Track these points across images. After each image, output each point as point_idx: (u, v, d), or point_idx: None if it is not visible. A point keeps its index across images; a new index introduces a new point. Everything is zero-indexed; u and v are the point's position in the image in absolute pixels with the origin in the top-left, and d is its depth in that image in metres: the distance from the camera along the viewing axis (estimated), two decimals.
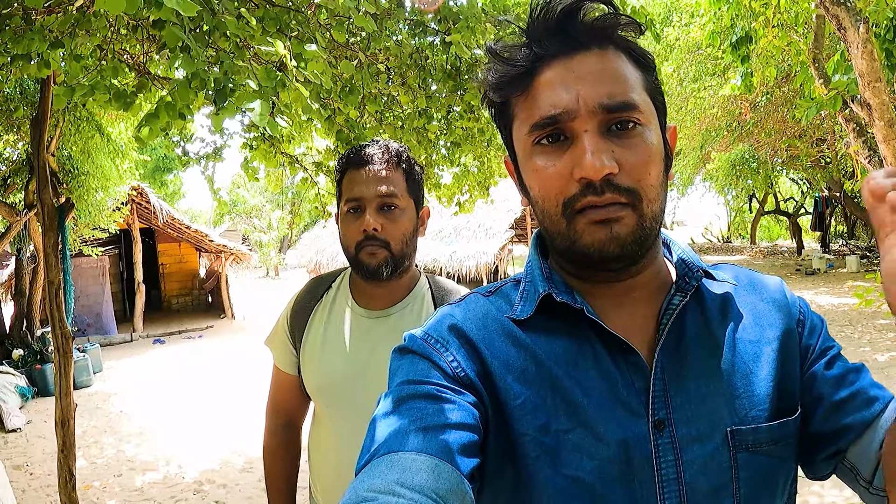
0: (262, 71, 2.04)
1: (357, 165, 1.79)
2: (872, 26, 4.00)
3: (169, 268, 20.16)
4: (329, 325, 1.88)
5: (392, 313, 1.86)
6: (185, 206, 39.01)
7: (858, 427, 0.87)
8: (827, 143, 15.86)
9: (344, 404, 1.81)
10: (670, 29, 13.67)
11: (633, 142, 0.84)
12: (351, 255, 1.80)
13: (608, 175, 0.81)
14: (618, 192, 0.82)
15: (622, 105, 0.83)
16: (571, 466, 0.85)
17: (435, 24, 3.69)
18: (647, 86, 0.89)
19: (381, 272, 1.77)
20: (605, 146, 0.82)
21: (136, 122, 8.12)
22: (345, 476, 1.79)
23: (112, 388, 10.56)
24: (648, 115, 0.86)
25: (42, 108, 4.45)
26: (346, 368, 1.81)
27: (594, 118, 0.83)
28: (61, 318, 4.28)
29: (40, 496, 6.04)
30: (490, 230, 20.07)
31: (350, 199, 1.78)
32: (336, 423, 1.83)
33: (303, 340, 1.88)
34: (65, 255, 5.47)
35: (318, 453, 1.91)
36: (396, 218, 1.79)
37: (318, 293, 1.94)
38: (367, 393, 1.78)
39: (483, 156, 6.17)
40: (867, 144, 4.58)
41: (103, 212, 9.88)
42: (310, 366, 1.86)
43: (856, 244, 26.38)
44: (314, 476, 1.93)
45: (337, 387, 1.82)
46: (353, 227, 1.78)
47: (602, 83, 0.83)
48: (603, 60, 0.85)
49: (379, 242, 1.76)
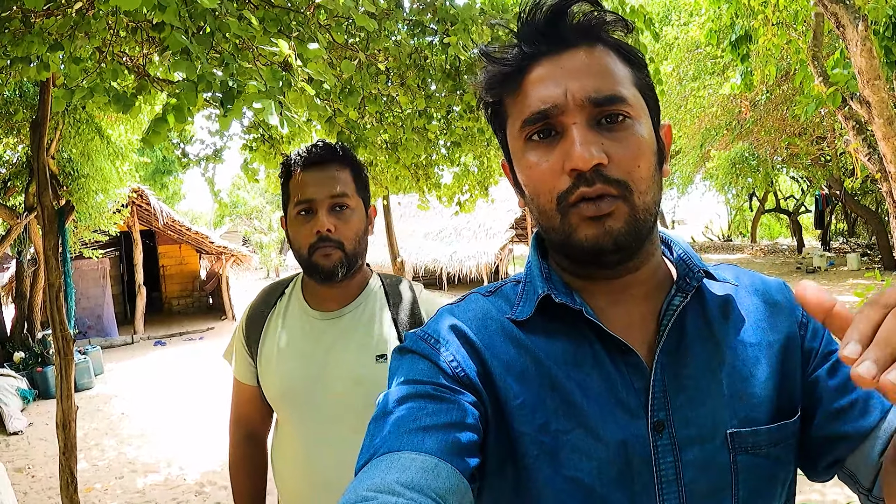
0: (267, 71, 2.04)
1: (305, 167, 1.79)
2: (871, 24, 4.00)
3: (169, 270, 20.17)
4: (284, 331, 1.87)
5: (346, 313, 1.86)
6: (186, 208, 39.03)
7: (858, 436, 0.87)
8: (827, 140, 15.85)
9: (305, 409, 1.80)
10: (669, 28, 13.67)
11: (623, 135, 0.84)
12: (304, 257, 1.79)
13: (598, 166, 0.82)
14: (608, 183, 0.83)
15: (610, 98, 0.84)
16: (571, 467, 0.85)
17: (433, 25, 3.69)
18: (637, 82, 0.90)
19: (336, 273, 1.77)
20: (594, 138, 0.83)
21: (135, 125, 8.14)
22: (313, 482, 1.79)
23: (113, 390, 10.57)
24: (638, 109, 0.87)
25: (42, 110, 4.46)
26: (303, 372, 1.80)
27: (583, 112, 0.84)
28: (62, 320, 4.28)
29: (42, 499, 6.04)
30: (490, 230, 20.09)
31: (300, 201, 1.77)
32: (299, 429, 1.82)
33: (259, 349, 1.87)
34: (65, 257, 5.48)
35: (283, 462, 1.89)
36: (348, 218, 1.79)
37: (271, 301, 1.93)
38: (327, 395, 1.78)
39: (483, 155, 6.18)
40: (866, 142, 4.57)
41: (103, 214, 9.88)
42: (268, 373, 1.84)
43: (856, 242, 26.40)
44: (281, 487, 1.91)
45: (296, 392, 1.80)
46: (305, 229, 1.77)
47: (590, 78, 0.84)
48: (591, 57, 0.86)
49: (333, 243, 1.75)
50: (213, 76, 1.98)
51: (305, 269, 1.82)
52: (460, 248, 20.30)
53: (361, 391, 1.76)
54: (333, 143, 1.83)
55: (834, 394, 0.90)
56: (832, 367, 0.93)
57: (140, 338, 15.87)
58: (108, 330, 15.65)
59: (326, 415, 1.79)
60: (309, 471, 1.79)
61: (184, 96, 2.03)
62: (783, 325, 0.95)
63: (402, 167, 5.46)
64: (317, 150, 1.81)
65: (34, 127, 4.48)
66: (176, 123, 2.08)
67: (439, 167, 6.28)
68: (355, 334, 1.82)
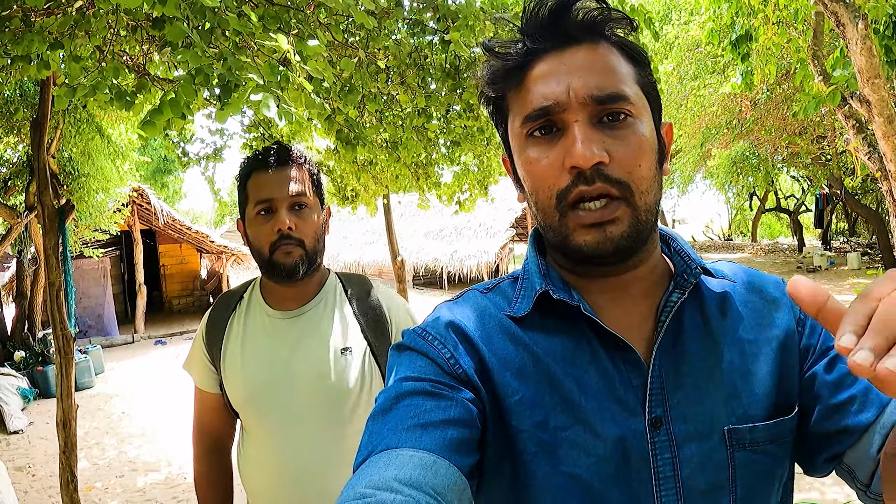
0: (265, 67, 2.04)
1: (264, 168, 1.80)
2: (871, 23, 4.00)
3: (170, 269, 20.18)
4: (246, 334, 1.87)
5: (307, 311, 1.87)
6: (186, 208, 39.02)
7: (856, 431, 0.86)
8: (827, 139, 15.85)
9: (273, 410, 1.80)
10: (670, 27, 13.66)
11: (624, 133, 0.84)
12: (264, 257, 1.79)
13: (598, 165, 0.82)
14: (608, 182, 0.82)
15: (612, 96, 0.84)
16: (569, 464, 0.85)
17: (434, 24, 3.69)
18: (640, 80, 0.89)
19: (297, 270, 1.78)
20: (595, 136, 0.83)
21: (136, 124, 8.14)
22: (284, 482, 1.78)
23: (113, 389, 10.58)
24: (640, 107, 0.87)
25: (42, 109, 4.45)
26: (269, 373, 1.80)
27: (585, 109, 0.84)
28: (62, 319, 4.28)
29: (42, 497, 6.05)
30: (491, 229, 20.10)
31: (260, 200, 1.78)
32: (269, 432, 1.81)
33: (222, 355, 1.87)
34: (65, 256, 5.48)
35: (252, 467, 1.87)
36: (307, 217, 1.81)
37: (230, 305, 1.93)
38: (295, 394, 1.78)
39: (483, 154, 6.18)
40: (866, 141, 4.57)
41: (104, 213, 9.89)
42: (232, 378, 1.84)
43: (857, 241, 26.38)
44: (251, 492, 1.90)
45: (263, 393, 1.80)
46: (266, 228, 1.78)
47: (593, 75, 0.84)
48: (594, 54, 0.86)
49: (293, 241, 1.77)
50: (211, 70, 1.98)
51: (266, 269, 1.83)
52: (461, 247, 20.30)
53: (326, 385, 1.77)
54: (290, 146, 1.86)
55: (832, 389, 0.90)
56: (830, 362, 0.92)
57: (141, 337, 15.87)
58: (108, 329, 15.66)
59: (294, 414, 1.79)
60: (279, 472, 1.79)
61: (182, 90, 2.03)
62: (781, 322, 0.95)
63: (402, 166, 5.46)
64: (274, 151, 1.83)
65: (35, 126, 4.48)
66: (174, 118, 2.08)
67: (439, 166, 6.28)
68: (318, 330, 1.84)
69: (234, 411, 1.92)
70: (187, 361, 1.99)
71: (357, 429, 1.81)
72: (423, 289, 23.12)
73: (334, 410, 1.80)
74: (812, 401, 0.91)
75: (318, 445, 1.78)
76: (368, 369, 1.83)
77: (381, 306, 1.91)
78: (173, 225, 17.11)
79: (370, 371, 1.84)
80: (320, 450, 1.78)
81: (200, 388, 1.96)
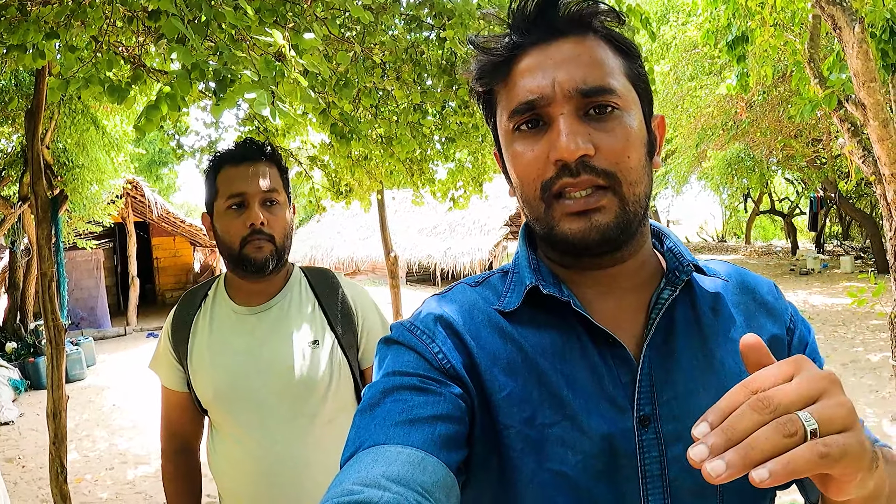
0: (261, 62, 2.04)
1: (235, 162, 1.80)
2: (868, 26, 4.01)
3: (163, 262, 20.12)
4: (213, 331, 1.87)
5: (273, 305, 1.87)
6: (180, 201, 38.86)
7: None
8: (822, 143, 15.88)
9: (243, 406, 1.80)
10: (667, 28, 13.66)
11: (611, 125, 0.84)
12: (234, 251, 1.79)
13: (584, 157, 0.82)
14: (594, 173, 0.83)
15: (598, 89, 0.83)
16: (556, 460, 0.84)
17: (430, 20, 3.69)
18: (629, 72, 0.89)
19: (267, 266, 1.78)
20: (581, 129, 0.83)
21: (131, 115, 8.11)
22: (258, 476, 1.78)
23: (105, 381, 10.53)
24: (628, 100, 0.87)
25: (37, 99, 4.43)
26: (238, 368, 1.80)
27: (570, 102, 0.83)
28: (54, 310, 4.27)
29: (32, 489, 6.03)
30: (485, 227, 20.07)
31: (232, 194, 1.78)
32: (239, 427, 1.81)
33: (188, 353, 1.86)
34: (58, 247, 5.46)
35: (224, 463, 1.87)
36: (278, 213, 1.82)
37: (195, 303, 1.93)
38: (264, 389, 1.79)
39: (478, 151, 6.18)
40: (862, 144, 4.58)
41: (98, 205, 9.85)
42: (201, 375, 1.84)
43: (850, 245, 26.45)
44: (224, 489, 1.89)
45: (232, 390, 1.80)
46: (237, 222, 1.78)
47: (578, 68, 0.84)
48: (580, 47, 0.86)
49: (265, 236, 1.78)
50: (206, 65, 1.98)
51: (234, 263, 1.82)
52: (454, 244, 20.27)
53: (295, 379, 1.78)
54: (262, 142, 1.86)
55: None
56: None
57: (133, 329, 15.81)
58: (101, 321, 15.59)
59: (263, 408, 1.79)
60: (251, 467, 1.79)
61: (177, 84, 2.03)
62: (772, 327, 0.95)
63: (396, 161, 5.46)
64: (247, 146, 1.83)
65: (29, 116, 4.45)
66: (169, 112, 2.08)
67: (434, 162, 6.28)
68: (285, 324, 1.84)
69: (203, 409, 1.92)
70: (153, 361, 1.98)
71: (326, 421, 1.82)
72: (417, 285, 23.10)
73: (304, 404, 1.81)
74: None
75: (288, 439, 1.79)
76: (337, 362, 1.84)
77: (347, 298, 1.92)
78: (167, 218, 17.06)
79: (339, 363, 1.85)
80: (291, 443, 1.79)
81: (168, 388, 1.96)
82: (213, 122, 6.03)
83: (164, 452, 1.99)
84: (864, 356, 9.12)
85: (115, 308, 17.60)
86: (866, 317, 11.88)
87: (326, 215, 18.78)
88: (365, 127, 4.18)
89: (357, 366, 1.90)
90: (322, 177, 6.75)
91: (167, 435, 1.99)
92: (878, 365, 8.57)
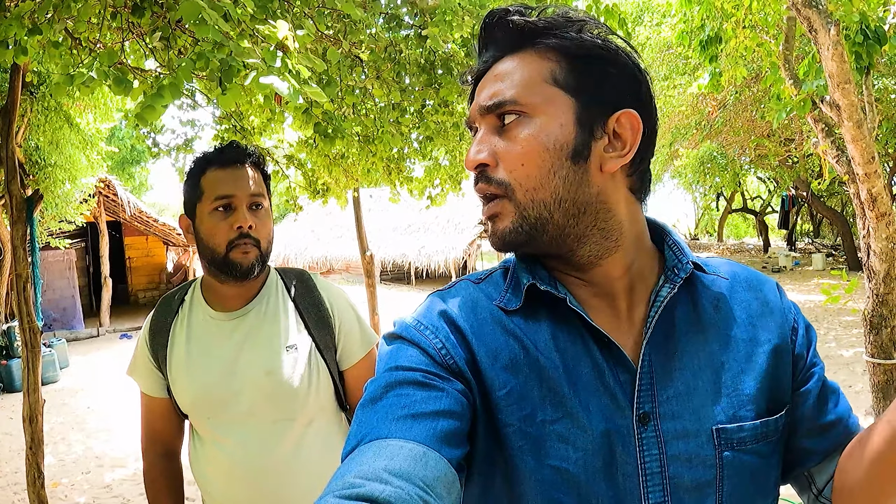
0: (266, 52, 2.02)
1: (222, 164, 1.79)
2: (843, 29, 4.07)
3: (136, 261, 19.92)
4: (191, 336, 1.85)
5: (251, 310, 1.86)
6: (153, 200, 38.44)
7: (831, 453, 0.94)
8: (795, 143, 16.09)
9: (223, 411, 1.80)
10: (642, 28, 13.77)
11: (512, 134, 0.89)
12: (219, 254, 1.77)
13: (483, 167, 0.90)
14: (489, 182, 0.90)
15: (497, 103, 0.89)
16: (556, 457, 0.84)
17: (410, 18, 3.69)
18: (564, 76, 0.88)
19: (252, 270, 1.78)
20: (486, 140, 0.91)
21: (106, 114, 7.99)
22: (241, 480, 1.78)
23: (79, 383, 10.41)
24: (535, 106, 0.88)
25: (11, 97, 4.35)
26: (217, 374, 1.80)
27: (483, 118, 0.92)
28: (29, 312, 4.20)
29: (7, 494, 5.94)
30: (459, 225, 20.08)
31: (220, 196, 1.75)
32: (220, 432, 1.81)
33: (167, 359, 1.85)
34: (34, 247, 5.37)
35: (207, 468, 1.87)
36: (263, 217, 1.82)
37: (172, 308, 1.91)
38: (243, 394, 1.78)
39: (455, 150, 6.19)
40: (835, 144, 4.64)
41: (70, 204, 9.71)
42: (180, 381, 1.83)
43: (821, 242, 26.87)
44: (207, 494, 1.88)
45: (213, 394, 1.80)
46: (223, 225, 1.76)
47: (492, 85, 0.91)
48: (512, 64, 0.91)
49: (252, 241, 1.76)
50: (213, 53, 1.96)
51: (219, 267, 1.79)
52: (428, 242, 20.26)
53: (274, 383, 1.77)
54: (245, 145, 1.85)
55: (816, 410, 0.95)
56: (816, 382, 0.96)
57: (106, 330, 15.63)
58: (73, 322, 15.40)
59: (243, 413, 1.79)
60: (233, 471, 1.79)
61: (181, 72, 2.01)
62: (775, 327, 0.95)
63: (375, 159, 5.45)
64: (233, 149, 1.82)
65: (3, 114, 4.37)
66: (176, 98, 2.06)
67: (411, 160, 6.29)
68: (263, 329, 1.83)
69: (183, 414, 1.91)
70: (131, 368, 1.96)
71: (306, 422, 1.83)
72: (391, 284, 23.07)
73: (283, 407, 1.80)
74: (796, 419, 0.95)
75: (269, 442, 1.79)
76: (314, 365, 1.84)
77: (322, 299, 1.91)
78: (140, 217, 16.88)
79: (316, 366, 1.84)
80: (271, 446, 1.79)
81: (147, 394, 1.93)
82: (189, 120, 5.99)
83: (145, 458, 1.97)
84: (836, 352, 9.27)
85: (87, 309, 17.39)
86: (839, 313, 12.08)
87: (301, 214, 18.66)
88: (347, 125, 4.16)
89: (336, 367, 1.90)
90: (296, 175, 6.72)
91: (148, 441, 1.97)
92: (851, 360, 8.71)
